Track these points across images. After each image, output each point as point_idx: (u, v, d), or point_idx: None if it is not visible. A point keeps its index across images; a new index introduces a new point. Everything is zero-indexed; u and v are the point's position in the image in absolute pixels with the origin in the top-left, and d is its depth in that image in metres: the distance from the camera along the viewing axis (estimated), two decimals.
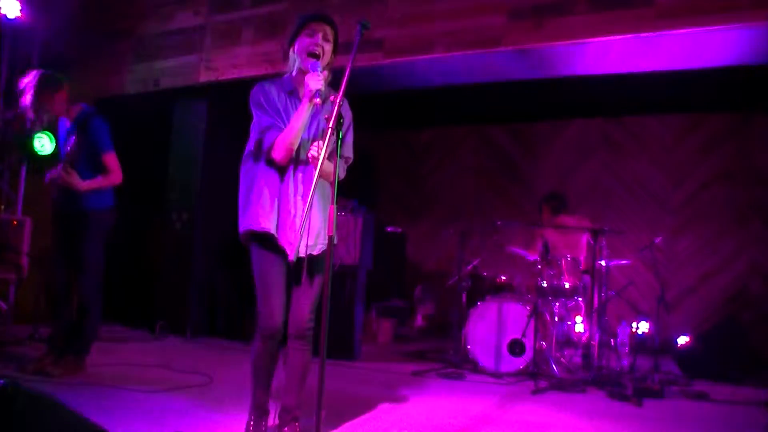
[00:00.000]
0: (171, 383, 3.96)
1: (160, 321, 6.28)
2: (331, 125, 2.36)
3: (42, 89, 4.03)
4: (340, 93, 2.39)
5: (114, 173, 4.15)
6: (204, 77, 6.28)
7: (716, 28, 4.29)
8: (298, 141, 2.68)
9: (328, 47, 2.75)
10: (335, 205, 2.35)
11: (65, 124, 4.23)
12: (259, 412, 2.85)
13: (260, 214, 2.72)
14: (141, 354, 5.17)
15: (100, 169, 4.10)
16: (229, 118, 6.92)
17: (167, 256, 6.60)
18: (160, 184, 6.78)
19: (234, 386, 4.05)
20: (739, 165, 6.98)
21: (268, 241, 2.74)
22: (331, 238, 2.34)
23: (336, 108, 2.36)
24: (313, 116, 2.75)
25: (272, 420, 2.86)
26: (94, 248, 4.11)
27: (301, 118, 2.63)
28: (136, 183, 7.24)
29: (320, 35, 2.71)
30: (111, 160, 4.14)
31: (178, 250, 6.52)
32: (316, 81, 2.57)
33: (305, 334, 2.82)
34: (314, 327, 2.83)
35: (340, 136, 2.40)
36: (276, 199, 2.73)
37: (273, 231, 2.71)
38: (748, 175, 6.90)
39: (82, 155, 4.05)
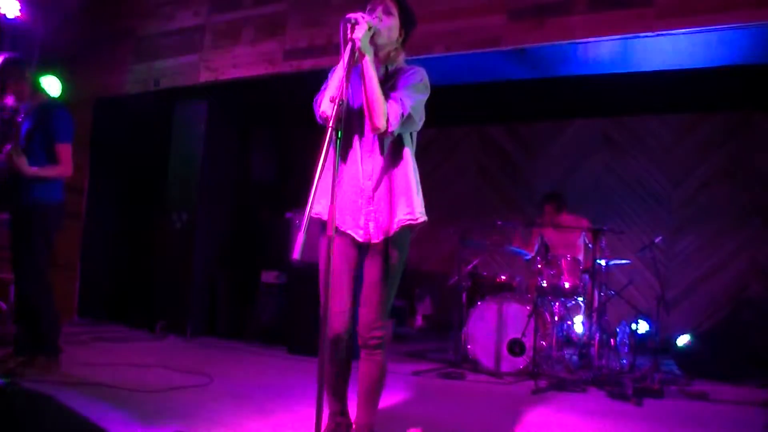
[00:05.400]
0: (171, 383, 3.96)
1: (160, 321, 6.28)
2: (331, 125, 2.31)
3: (8, 74, 4.00)
4: (340, 93, 2.34)
5: (64, 165, 4.01)
6: (204, 77, 6.29)
7: (716, 27, 4.29)
8: (332, 92, 2.43)
9: (388, 19, 2.61)
10: (335, 205, 2.33)
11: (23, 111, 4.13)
12: (331, 418, 2.71)
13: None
14: (141, 354, 5.17)
15: (54, 162, 4.00)
16: (229, 118, 6.93)
17: (167, 256, 6.60)
18: (160, 184, 6.79)
19: (234, 386, 4.05)
20: (739, 164, 6.97)
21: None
22: (330, 238, 2.31)
23: (336, 106, 2.32)
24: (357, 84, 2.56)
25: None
26: (37, 246, 3.98)
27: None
28: (136, 183, 7.30)
29: (380, 8, 2.60)
30: (64, 151, 4.01)
31: (178, 250, 6.52)
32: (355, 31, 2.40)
33: (368, 343, 2.58)
34: (382, 335, 2.59)
35: (339, 136, 2.36)
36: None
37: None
38: (749, 175, 6.89)
39: (36, 144, 3.96)
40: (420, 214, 2.59)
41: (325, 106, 2.50)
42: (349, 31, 2.39)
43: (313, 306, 2.67)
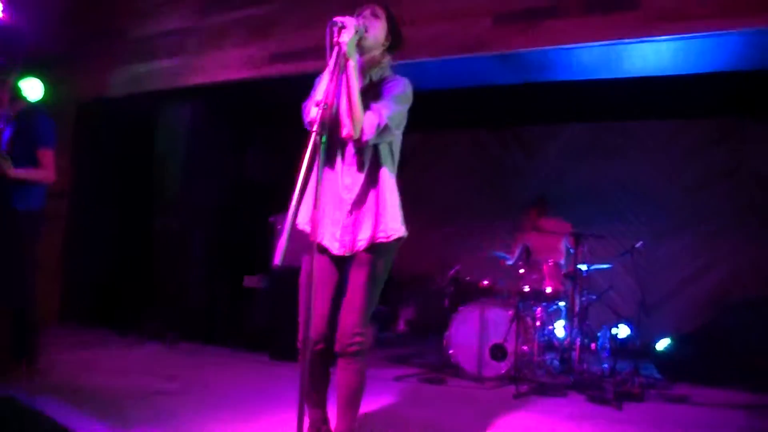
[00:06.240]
0: (152, 389, 3.94)
1: (142, 326, 6.23)
2: (315, 129, 2.30)
3: None
4: (325, 98, 2.34)
5: (47, 170, 4.00)
6: (190, 80, 6.26)
7: (704, 33, 4.34)
8: (318, 97, 2.39)
9: (375, 22, 2.63)
10: (318, 210, 2.33)
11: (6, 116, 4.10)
12: (312, 425, 2.73)
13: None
14: (122, 359, 5.14)
15: (37, 167, 3.98)
16: (216, 121, 6.90)
17: (151, 260, 6.56)
18: (144, 187, 6.75)
19: (215, 392, 4.04)
20: (727, 171, 7.03)
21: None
22: (313, 245, 2.31)
23: (320, 110, 2.32)
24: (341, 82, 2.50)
25: None
26: (17, 252, 3.95)
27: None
28: (120, 186, 7.25)
29: (368, 11, 2.63)
30: (47, 156, 4.01)
31: (162, 254, 6.48)
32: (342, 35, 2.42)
33: (346, 351, 2.56)
34: (361, 342, 2.57)
35: (323, 140, 2.36)
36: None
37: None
38: (734, 182, 6.96)
39: (18, 150, 3.93)
40: (393, 231, 2.59)
41: (314, 112, 2.50)
42: (335, 35, 2.40)
43: (294, 312, 2.67)
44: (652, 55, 4.93)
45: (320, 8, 5.57)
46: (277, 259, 2.26)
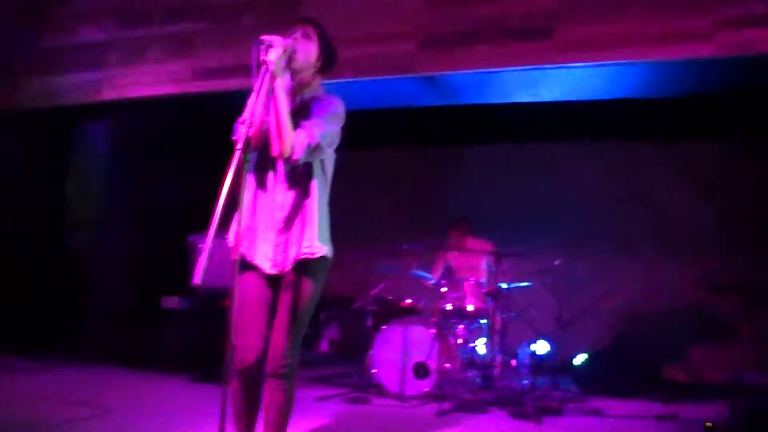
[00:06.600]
0: (62, 416, 3.75)
1: (53, 349, 5.95)
2: (239, 147, 2.28)
3: None
4: (250, 116, 2.33)
5: None
6: (107, 95, 6.06)
7: (608, 63, 4.60)
8: (251, 115, 2.34)
9: (306, 43, 2.61)
10: (240, 229, 2.31)
11: None
12: None
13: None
14: (30, 385, 4.87)
15: None
16: (132, 138, 6.72)
17: (64, 280, 6.28)
18: (57, 205, 6.47)
19: (132, 416, 3.89)
20: (633, 193, 7.38)
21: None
22: (235, 262, 2.29)
23: (246, 129, 2.28)
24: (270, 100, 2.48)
25: None
26: None
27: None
28: (31, 203, 6.92)
29: (299, 32, 2.61)
30: None
31: (76, 274, 6.22)
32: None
33: (277, 372, 2.53)
34: (292, 364, 2.57)
35: (248, 159, 2.34)
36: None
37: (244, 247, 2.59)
38: (642, 203, 7.31)
39: None
40: (318, 248, 2.58)
41: (241, 131, 2.48)
42: (262, 53, 2.38)
43: (217, 333, 2.62)
44: (567, 81, 5.17)
45: (246, 25, 5.55)
46: (197, 278, 2.23)
